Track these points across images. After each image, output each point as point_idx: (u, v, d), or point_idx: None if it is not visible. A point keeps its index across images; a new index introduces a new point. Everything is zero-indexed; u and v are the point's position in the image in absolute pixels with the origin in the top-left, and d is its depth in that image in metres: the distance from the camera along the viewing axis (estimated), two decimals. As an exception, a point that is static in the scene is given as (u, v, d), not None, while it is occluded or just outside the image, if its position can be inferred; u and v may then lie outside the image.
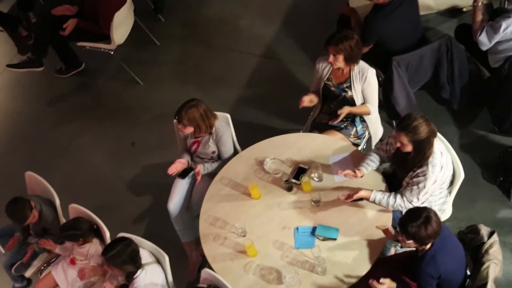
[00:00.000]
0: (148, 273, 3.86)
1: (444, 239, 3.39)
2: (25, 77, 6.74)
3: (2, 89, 6.81)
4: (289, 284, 3.65)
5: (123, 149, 5.92)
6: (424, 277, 3.40)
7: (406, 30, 4.74)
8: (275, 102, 5.83)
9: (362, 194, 3.85)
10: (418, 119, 3.60)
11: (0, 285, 5.06)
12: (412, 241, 3.33)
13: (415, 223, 3.27)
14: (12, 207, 4.38)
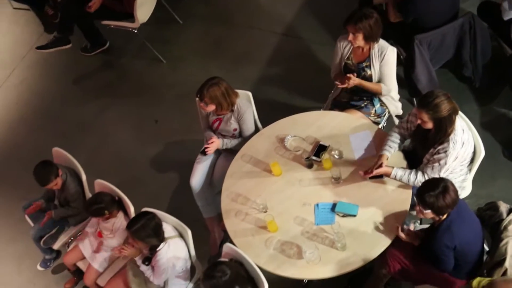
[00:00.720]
0: (171, 247, 3.94)
1: (460, 211, 3.42)
2: (51, 56, 6.84)
3: (29, 68, 6.93)
4: (309, 259, 3.72)
5: (146, 126, 6.01)
6: (440, 247, 3.43)
7: (445, 7, 4.70)
8: (296, 80, 5.85)
9: (383, 170, 3.87)
10: (440, 96, 3.61)
11: (33, 256, 5.22)
12: (430, 211, 3.36)
13: (433, 192, 3.30)
14: (39, 168, 4.50)
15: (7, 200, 5.72)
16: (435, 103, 3.59)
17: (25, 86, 6.77)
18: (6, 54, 7.10)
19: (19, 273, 5.18)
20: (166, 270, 3.95)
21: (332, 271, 3.69)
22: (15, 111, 6.56)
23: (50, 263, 5.14)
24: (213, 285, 3.52)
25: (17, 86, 6.80)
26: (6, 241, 5.44)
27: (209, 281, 3.50)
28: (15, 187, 5.78)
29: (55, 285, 5.04)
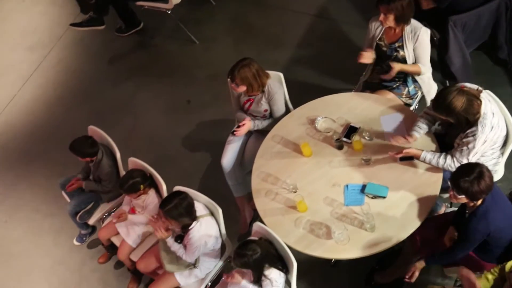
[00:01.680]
0: (203, 225, 4.01)
1: (494, 196, 3.38)
2: (87, 36, 6.96)
3: (66, 47, 7.06)
4: (338, 240, 3.75)
5: (179, 106, 6.09)
6: (473, 234, 3.40)
7: None
8: (327, 61, 5.84)
9: (412, 153, 3.87)
10: (450, 94, 3.56)
11: (68, 231, 5.38)
12: (464, 196, 3.32)
13: (468, 177, 3.27)
14: (82, 140, 4.61)
15: (45, 177, 5.88)
16: (446, 104, 3.57)
17: (62, 66, 6.91)
18: (44, 34, 7.25)
19: (56, 246, 5.35)
20: (198, 248, 4.01)
21: (360, 251, 3.71)
22: (52, 91, 6.71)
23: (86, 238, 5.29)
24: (243, 263, 3.59)
25: (54, 66, 6.94)
26: (44, 215, 5.61)
27: (240, 259, 3.58)
28: (52, 164, 5.95)
29: (89, 259, 5.19)
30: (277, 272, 3.71)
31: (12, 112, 6.62)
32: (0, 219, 5.70)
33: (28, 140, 6.31)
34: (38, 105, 6.61)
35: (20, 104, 6.68)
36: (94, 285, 5.02)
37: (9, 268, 5.31)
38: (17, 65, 7.11)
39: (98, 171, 4.70)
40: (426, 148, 3.91)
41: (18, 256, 5.37)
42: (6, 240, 5.52)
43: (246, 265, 3.61)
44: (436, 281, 4.15)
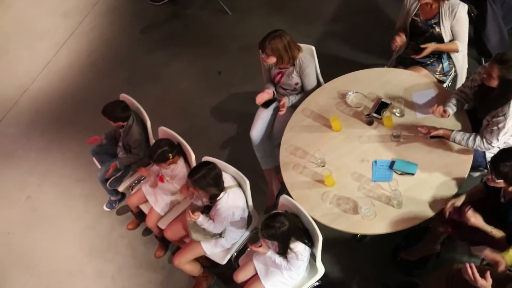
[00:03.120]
0: (231, 196, 4.03)
1: None
2: (120, 5, 6.99)
3: (99, 16, 7.12)
4: (364, 215, 3.75)
5: (210, 77, 6.10)
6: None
7: None
8: (360, 36, 5.76)
9: (442, 133, 3.83)
10: None
11: (99, 196, 5.50)
12: (503, 180, 3.28)
13: (508, 162, 3.22)
14: (114, 104, 4.66)
15: (77, 142, 5.99)
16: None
17: (96, 33, 6.97)
18: (79, 1, 7.32)
19: (86, 211, 5.47)
20: (226, 219, 4.05)
21: (386, 227, 3.71)
22: (86, 57, 6.79)
23: (115, 204, 5.39)
24: (271, 234, 3.62)
25: (88, 33, 7.01)
26: (76, 180, 5.73)
27: (268, 231, 3.61)
28: (84, 130, 6.02)
29: (118, 225, 5.30)
30: (303, 245, 3.74)
31: (47, 78, 6.74)
32: (34, 182, 5.84)
33: (61, 106, 6.42)
34: (72, 71, 6.71)
35: (54, 70, 6.78)
36: (122, 250, 5.13)
37: (42, 230, 5.46)
38: (52, 31, 7.20)
39: (128, 137, 4.75)
40: (457, 127, 3.86)
41: (51, 219, 5.51)
42: (39, 203, 5.67)
43: (273, 236, 3.65)
44: (463, 259, 4.13)
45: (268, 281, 3.94)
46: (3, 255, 5.38)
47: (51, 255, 5.27)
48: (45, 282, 5.10)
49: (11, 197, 5.78)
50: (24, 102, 6.60)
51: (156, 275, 4.88)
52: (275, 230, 3.60)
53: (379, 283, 4.19)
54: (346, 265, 4.44)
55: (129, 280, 4.92)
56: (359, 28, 5.83)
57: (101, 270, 5.05)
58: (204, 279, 4.60)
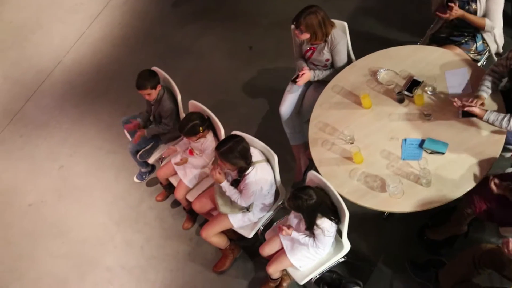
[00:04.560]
0: (259, 170, 4.05)
1: None
2: (153, -22, 7.02)
3: (131, -12, 7.16)
4: (392, 193, 3.74)
5: (241, 52, 6.09)
6: None
7: None
8: (394, 13, 5.68)
9: (476, 111, 3.77)
10: None
11: (129, 168, 5.59)
12: None
13: None
14: (144, 72, 4.66)
15: (109, 114, 6.09)
16: None
17: (128, 7, 7.01)
18: (111, -26, 7.36)
19: (117, 182, 5.57)
20: (254, 193, 4.07)
21: (414, 206, 3.69)
22: (118, 30, 6.84)
23: (145, 176, 5.47)
24: (297, 205, 3.64)
25: (121, 6, 7.06)
26: (107, 152, 5.83)
27: (295, 201, 3.63)
28: (116, 102, 6.13)
29: (148, 196, 5.38)
30: (329, 222, 3.75)
31: (80, 50, 6.82)
32: (66, 153, 5.96)
33: (94, 78, 6.51)
34: (105, 44, 6.78)
35: (87, 42, 6.86)
36: (151, 221, 5.22)
37: (74, 199, 5.59)
38: (86, 3, 7.27)
39: (159, 108, 4.78)
40: (491, 108, 3.80)
41: (82, 189, 5.63)
42: (71, 173, 5.79)
43: (299, 208, 3.67)
44: (491, 240, 4.10)
45: (293, 255, 3.98)
46: (36, 223, 5.52)
47: (82, 223, 5.39)
48: (76, 249, 5.24)
49: (45, 167, 5.92)
50: (57, 73, 6.71)
51: (184, 246, 4.97)
52: (301, 202, 3.62)
53: (405, 261, 4.19)
54: (372, 242, 4.45)
55: (157, 250, 5.02)
56: (393, 5, 5.74)
57: (130, 240, 5.15)
58: (231, 251, 4.66)
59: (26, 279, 5.20)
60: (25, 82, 6.73)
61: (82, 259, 5.16)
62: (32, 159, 6.03)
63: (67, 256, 5.22)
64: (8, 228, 5.57)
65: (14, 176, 5.95)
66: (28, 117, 6.42)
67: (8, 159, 6.11)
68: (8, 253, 5.41)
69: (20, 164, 6.03)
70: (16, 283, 5.21)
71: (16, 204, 5.72)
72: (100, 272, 5.04)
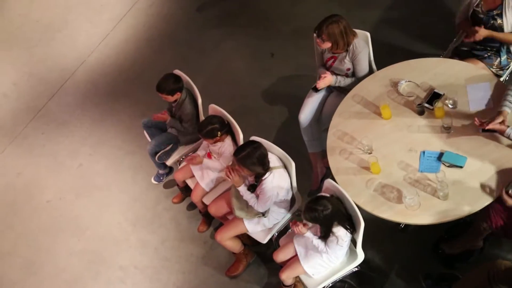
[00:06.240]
0: (276, 176, 4.06)
1: None
2: (178, -18, 7.08)
3: (157, -8, 7.24)
4: (408, 205, 3.73)
5: (262, 58, 6.12)
6: None
7: None
8: (417, 24, 5.67)
9: (498, 127, 3.73)
10: None
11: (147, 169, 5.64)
12: None
13: None
14: (168, 76, 4.73)
15: (129, 115, 6.15)
16: None
17: (154, 10, 7.09)
18: (139, -23, 7.44)
19: (134, 183, 5.62)
20: (271, 198, 4.08)
21: (430, 218, 3.68)
22: (142, 33, 6.92)
23: (163, 177, 5.51)
24: (313, 217, 3.64)
25: (146, 9, 7.14)
26: (126, 152, 5.89)
27: (311, 213, 3.63)
28: (137, 104, 6.19)
29: (164, 198, 5.42)
30: (344, 231, 3.75)
31: (104, 51, 6.91)
32: (86, 151, 6.03)
33: (117, 79, 6.58)
34: (128, 45, 6.85)
35: (112, 44, 6.95)
36: (166, 223, 5.25)
37: (91, 197, 5.65)
38: (112, 5, 7.36)
39: (180, 110, 4.83)
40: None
41: (100, 188, 5.69)
42: (90, 172, 5.85)
43: (315, 219, 3.66)
44: (507, 256, 4.07)
45: (307, 262, 3.98)
46: (54, 219, 5.59)
47: (98, 222, 5.45)
48: (91, 247, 5.29)
49: (64, 164, 6.00)
50: (81, 73, 6.80)
51: (198, 249, 4.99)
52: (317, 213, 3.62)
53: (419, 273, 4.17)
54: (386, 253, 4.43)
55: (171, 252, 5.05)
56: (416, 16, 5.73)
57: (145, 240, 5.19)
58: (244, 256, 4.68)
59: (43, 273, 5.27)
60: (49, 80, 6.83)
61: (96, 257, 5.21)
62: (52, 156, 6.11)
63: (83, 253, 5.28)
64: (27, 223, 5.65)
65: (34, 172, 6.04)
66: (51, 115, 6.51)
67: (30, 155, 6.20)
68: (26, 248, 5.48)
69: (41, 160, 6.12)
70: (33, 277, 5.27)
71: (35, 200, 5.80)
72: (114, 271, 5.09)
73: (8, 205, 5.86)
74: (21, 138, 6.39)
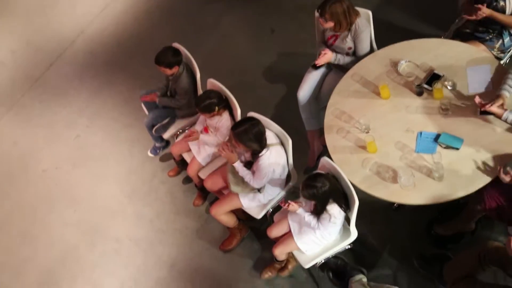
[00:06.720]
0: (273, 153, 4.06)
1: None
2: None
3: (157, -37, 7.15)
4: (403, 185, 3.75)
5: (262, 35, 6.08)
6: None
7: None
8: (419, 4, 5.63)
9: (495, 110, 3.74)
10: None
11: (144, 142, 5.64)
12: None
13: None
14: (167, 50, 4.69)
15: (127, 87, 6.13)
16: None
17: (153, -18, 7.02)
18: None
19: (131, 156, 5.63)
20: (267, 175, 4.09)
21: (424, 199, 3.70)
22: (142, 4, 6.86)
23: (159, 150, 5.52)
24: (312, 194, 3.66)
25: (146, -20, 7.07)
26: (124, 125, 5.89)
27: (309, 190, 3.65)
28: (135, 77, 6.16)
29: (160, 171, 5.43)
30: (338, 209, 3.77)
31: (103, 21, 6.85)
32: (83, 123, 6.03)
33: (115, 50, 6.55)
34: (127, 17, 6.80)
35: (111, 14, 6.89)
36: (162, 196, 5.28)
37: (87, 169, 5.66)
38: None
39: (176, 84, 4.80)
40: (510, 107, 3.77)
41: (96, 160, 5.70)
42: (87, 143, 5.86)
43: (313, 196, 3.68)
44: (498, 238, 4.10)
45: (300, 238, 4.01)
46: (50, 189, 5.61)
47: (94, 193, 5.47)
48: (87, 218, 5.32)
49: (62, 134, 6.00)
50: (80, 43, 6.75)
51: (193, 222, 5.02)
52: (316, 190, 3.63)
53: (411, 253, 4.21)
54: (380, 232, 4.47)
55: (166, 225, 5.08)
56: (419, -4, 5.71)
57: (141, 212, 5.22)
58: (239, 231, 4.71)
59: (38, 243, 5.30)
60: (47, 49, 6.79)
61: (92, 228, 5.24)
62: (50, 126, 6.11)
63: (78, 224, 5.31)
64: (22, 193, 5.67)
65: (31, 141, 6.04)
66: (48, 84, 6.49)
67: (27, 125, 6.19)
68: (21, 217, 5.51)
69: (38, 130, 6.11)
70: (28, 247, 5.31)
71: (31, 169, 5.81)
72: (109, 242, 5.12)
73: (3, 174, 5.87)
74: (18, 107, 6.38)
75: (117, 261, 5.01)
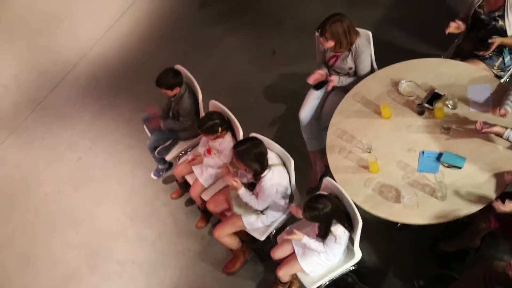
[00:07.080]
0: (275, 174, 4.05)
1: None
2: (180, -22, 7.07)
3: (160, -13, 7.23)
4: (406, 204, 3.74)
5: (264, 56, 6.12)
6: None
7: None
8: (419, 24, 5.66)
9: (496, 130, 3.74)
10: None
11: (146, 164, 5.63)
12: None
13: None
14: (168, 71, 4.72)
15: (129, 110, 6.15)
16: None
17: (156, 5, 7.09)
18: (140, -28, 7.43)
19: (133, 177, 5.63)
20: (270, 196, 4.08)
21: (428, 218, 3.68)
22: (144, 27, 6.91)
23: (162, 172, 5.51)
24: (314, 216, 3.64)
25: (148, 3, 7.14)
26: (126, 147, 5.89)
27: (311, 212, 3.63)
28: (137, 98, 6.19)
29: (163, 193, 5.42)
30: (342, 229, 3.76)
31: (106, 44, 6.90)
32: (85, 145, 6.04)
33: (118, 72, 6.58)
34: (131, 39, 6.85)
35: (114, 37, 6.94)
36: (164, 218, 5.26)
37: (89, 190, 5.65)
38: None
39: (178, 105, 4.81)
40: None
41: (98, 182, 5.69)
42: (89, 165, 5.86)
43: (315, 218, 3.66)
44: (503, 257, 4.08)
45: (304, 260, 3.98)
46: (52, 212, 5.60)
47: (96, 216, 5.45)
48: (89, 240, 5.30)
49: (63, 157, 6.00)
50: (82, 66, 6.80)
51: (196, 245, 5.00)
52: (318, 212, 3.62)
53: (415, 274, 4.17)
54: (383, 252, 4.44)
55: (168, 247, 5.05)
56: (418, 16, 5.73)
57: (142, 234, 5.20)
58: (242, 253, 4.68)
59: (39, 266, 5.28)
60: (50, 72, 6.83)
61: (94, 251, 5.22)
62: (52, 149, 6.12)
63: (80, 246, 5.29)
64: (24, 215, 5.66)
65: (33, 164, 6.05)
66: (51, 107, 6.51)
67: (29, 147, 6.21)
68: (23, 240, 5.49)
69: (40, 153, 6.12)
70: (29, 269, 5.28)
71: (33, 192, 5.80)
72: (111, 265, 5.09)
73: (6, 196, 5.87)
74: (21, 130, 6.40)
75: (119, 284, 4.98)
